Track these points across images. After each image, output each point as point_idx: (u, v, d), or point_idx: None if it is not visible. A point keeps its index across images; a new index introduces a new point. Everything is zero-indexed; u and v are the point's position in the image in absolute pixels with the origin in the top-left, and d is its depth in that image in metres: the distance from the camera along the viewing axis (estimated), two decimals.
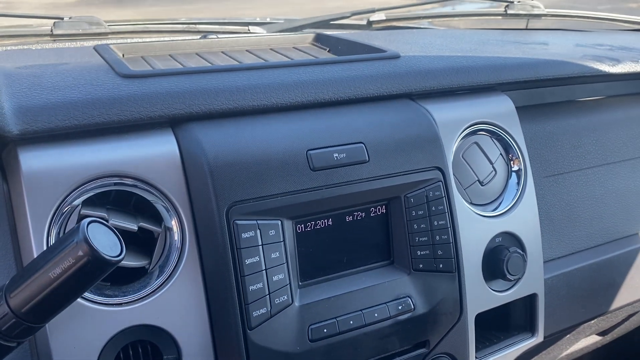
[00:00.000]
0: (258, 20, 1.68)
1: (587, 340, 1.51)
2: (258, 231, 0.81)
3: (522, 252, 1.03)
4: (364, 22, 1.73)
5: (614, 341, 1.66)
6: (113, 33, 1.43)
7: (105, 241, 0.58)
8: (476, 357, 1.05)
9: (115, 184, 0.77)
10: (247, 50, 1.26)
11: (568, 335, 1.31)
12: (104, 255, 0.57)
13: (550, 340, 1.27)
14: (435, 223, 0.94)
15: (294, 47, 1.30)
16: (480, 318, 1.04)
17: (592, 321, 1.28)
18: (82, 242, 0.58)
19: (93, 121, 0.79)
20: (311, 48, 1.31)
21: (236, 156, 0.81)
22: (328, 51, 1.28)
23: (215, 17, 1.70)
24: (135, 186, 0.78)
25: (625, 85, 1.42)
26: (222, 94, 0.87)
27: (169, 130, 0.84)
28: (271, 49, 1.27)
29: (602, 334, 1.53)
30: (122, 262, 0.79)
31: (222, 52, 1.23)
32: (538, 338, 1.12)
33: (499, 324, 1.12)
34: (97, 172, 0.76)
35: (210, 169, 0.79)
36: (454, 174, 1.02)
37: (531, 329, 1.12)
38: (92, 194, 0.77)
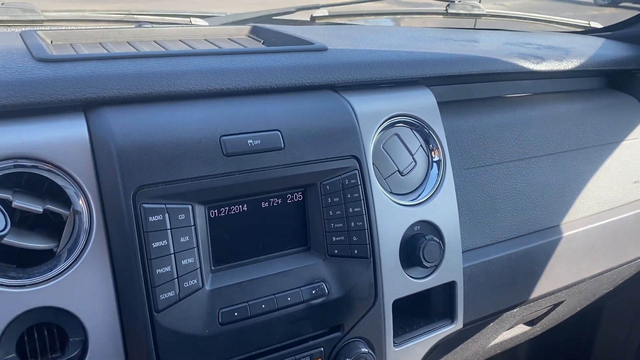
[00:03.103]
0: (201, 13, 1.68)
1: (516, 330, 1.56)
2: (166, 215, 0.82)
3: (438, 240, 1.06)
4: (308, 18, 1.75)
5: (548, 332, 1.72)
6: (48, 21, 1.41)
7: None
8: (394, 343, 1.07)
9: (14, 166, 0.76)
10: (180, 40, 1.26)
11: (492, 324, 1.35)
12: None
13: (474, 328, 1.31)
14: (351, 210, 0.96)
15: (228, 39, 1.31)
16: (401, 305, 1.07)
17: (515, 310, 1.33)
18: None
19: (0, 103, 0.79)
20: (245, 40, 1.32)
21: (145, 140, 0.82)
22: (262, 43, 1.30)
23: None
24: (36, 167, 0.78)
25: (551, 83, 1.48)
26: (136, 80, 0.88)
27: (80, 114, 0.85)
28: (205, 40, 1.28)
29: (530, 324, 1.58)
30: (29, 244, 0.80)
31: (155, 42, 1.23)
32: (457, 325, 1.16)
33: (420, 312, 1.16)
34: None
35: (118, 152, 0.80)
36: (374, 164, 1.04)
37: (451, 316, 1.15)
38: None
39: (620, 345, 1.88)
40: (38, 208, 0.79)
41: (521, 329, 1.57)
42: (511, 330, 1.54)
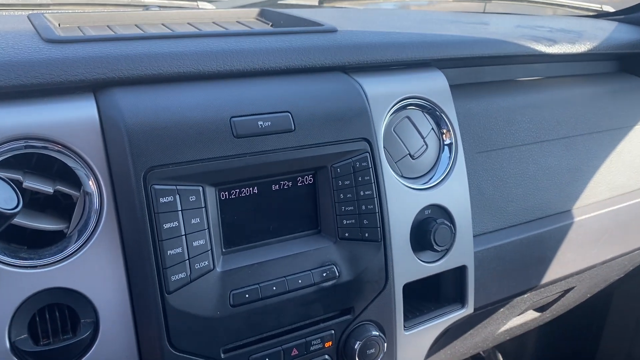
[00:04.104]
0: None
1: (526, 316, 1.56)
2: (177, 196, 0.81)
3: (449, 224, 1.05)
4: (316, 2, 1.74)
5: (559, 319, 1.72)
6: (55, 4, 1.41)
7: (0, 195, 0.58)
8: (405, 327, 1.07)
9: (25, 146, 0.76)
10: (188, 23, 1.25)
11: (502, 309, 1.35)
12: None
13: (484, 313, 1.31)
14: (362, 193, 0.95)
15: (237, 21, 1.30)
16: (411, 289, 1.07)
17: (526, 295, 1.32)
18: None
19: (10, 83, 0.78)
20: (254, 22, 1.30)
21: (156, 121, 0.81)
22: (271, 25, 1.28)
23: None
24: (46, 148, 0.77)
25: (564, 67, 1.46)
26: (146, 60, 0.87)
27: (90, 95, 0.84)
28: (213, 22, 1.27)
29: (540, 310, 1.57)
30: (39, 225, 0.80)
31: (162, 24, 1.22)
32: (468, 310, 1.15)
33: (430, 296, 1.15)
34: (7, 134, 0.75)
35: (128, 133, 0.79)
36: (385, 147, 1.03)
37: (461, 301, 1.15)
38: (4, 157, 0.76)
39: (630, 332, 1.87)
40: (48, 189, 0.79)
41: (531, 315, 1.57)
42: (521, 317, 1.54)
